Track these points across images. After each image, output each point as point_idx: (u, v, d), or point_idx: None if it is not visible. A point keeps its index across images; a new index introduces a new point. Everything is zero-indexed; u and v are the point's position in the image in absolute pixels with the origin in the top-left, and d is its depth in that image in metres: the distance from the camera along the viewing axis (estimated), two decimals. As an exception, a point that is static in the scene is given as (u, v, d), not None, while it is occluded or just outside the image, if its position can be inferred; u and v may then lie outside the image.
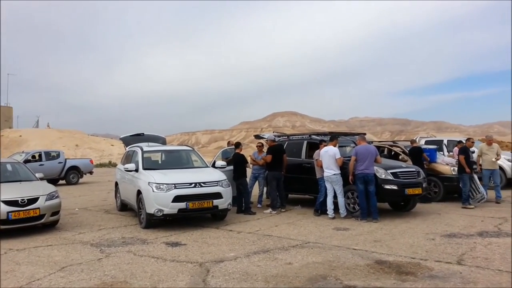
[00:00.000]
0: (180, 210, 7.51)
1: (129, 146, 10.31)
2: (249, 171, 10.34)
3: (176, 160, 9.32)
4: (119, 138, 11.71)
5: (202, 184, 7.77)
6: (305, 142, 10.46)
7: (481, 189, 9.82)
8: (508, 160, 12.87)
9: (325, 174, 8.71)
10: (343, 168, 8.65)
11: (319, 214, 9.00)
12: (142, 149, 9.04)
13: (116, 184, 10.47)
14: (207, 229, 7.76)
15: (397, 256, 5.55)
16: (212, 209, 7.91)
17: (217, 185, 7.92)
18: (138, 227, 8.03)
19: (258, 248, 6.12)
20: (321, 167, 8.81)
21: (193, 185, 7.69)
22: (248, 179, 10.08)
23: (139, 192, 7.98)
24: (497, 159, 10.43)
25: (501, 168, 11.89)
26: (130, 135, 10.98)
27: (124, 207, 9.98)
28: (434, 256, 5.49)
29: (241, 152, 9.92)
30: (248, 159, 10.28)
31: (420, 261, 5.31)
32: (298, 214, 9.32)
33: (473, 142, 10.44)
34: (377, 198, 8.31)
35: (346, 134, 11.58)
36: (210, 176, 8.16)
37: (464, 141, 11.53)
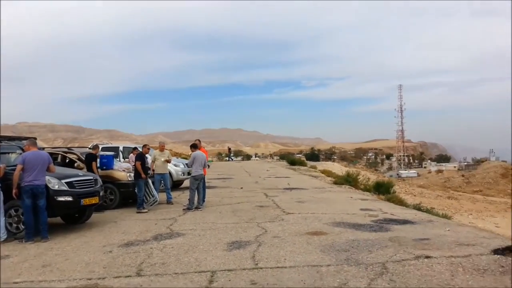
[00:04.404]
0: None
1: None
2: None
3: None
4: None
5: None
6: None
7: (154, 192, 10.40)
8: (175, 166, 14.43)
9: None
10: (6, 179, 6.99)
11: (-34, 241, 6.85)
12: None
13: None
14: None
15: (71, 281, 4.81)
16: None
17: None
18: None
19: None
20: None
21: None
22: None
23: None
24: (167, 161, 11.36)
25: (169, 172, 13.08)
26: None
27: None
28: (112, 272, 5.09)
29: None
30: None
31: (98, 281, 4.78)
32: None
33: (148, 149, 10.95)
34: (48, 212, 7.16)
35: (11, 139, 9.55)
36: None
37: (139, 148, 11.96)
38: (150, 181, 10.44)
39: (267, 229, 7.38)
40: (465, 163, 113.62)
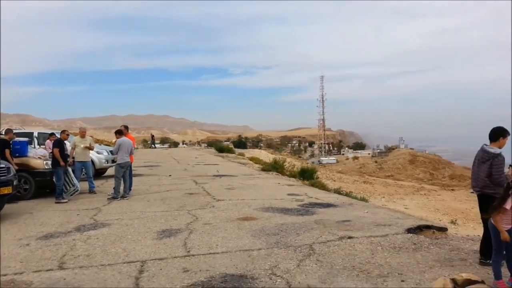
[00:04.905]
0: None
1: None
2: None
3: None
4: None
5: None
6: None
7: (75, 181, 9.76)
8: (98, 153, 13.66)
9: None
10: None
11: None
12: None
13: None
14: None
15: (-17, 278, 4.37)
16: None
17: None
18: None
19: None
20: None
21: None
22: None
23: None
24: (90, 148, 10.72)
25: (92, 160, 12.35)
26: None
27: None
28: (31, 266, 4.72)
29: None
30: None
31: (14, 276, 4.41)
32: None
33: (68, 135, 10.20)
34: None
35: None
36: None
37: (56, 134, 11.13)
38: (70, 169, 9.76)
39: (198, 216, 7.35)
40: (378, 150, 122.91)
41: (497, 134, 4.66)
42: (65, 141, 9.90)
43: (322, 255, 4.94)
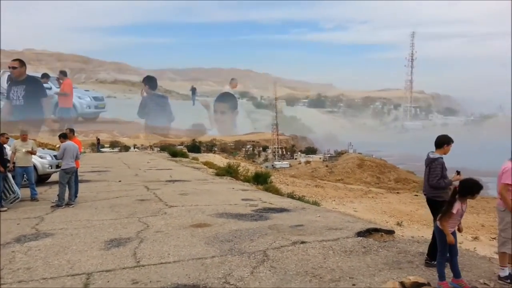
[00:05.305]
0: None
1: None
2: None
3: None
4: None
5: None
6: None
7: (15, 188, 9.13)
8: (41, 158, 12.87)
9: None
10: None
11: None
12: None
13: None
14: None
15: None
16: None
17: None
18: None
19: None
20: None
21: None
22: None
23: None
24: (32, 153, 10.08)
25: (34, 165, 11.61)
26: None
27: None
28: (-38, 283, 4.32)
29: None
30: None
31: None
32: None
33: (7, 138, 9.52)
34: None
35: None
36: None
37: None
38: (9, 175, 9.11)
39: (149, 224, 7.12)
40: (329, 155, 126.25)
41: (442, 142, 4.97)
42: (5, 145, 9.24)
43: (275, 261, 4.95)
